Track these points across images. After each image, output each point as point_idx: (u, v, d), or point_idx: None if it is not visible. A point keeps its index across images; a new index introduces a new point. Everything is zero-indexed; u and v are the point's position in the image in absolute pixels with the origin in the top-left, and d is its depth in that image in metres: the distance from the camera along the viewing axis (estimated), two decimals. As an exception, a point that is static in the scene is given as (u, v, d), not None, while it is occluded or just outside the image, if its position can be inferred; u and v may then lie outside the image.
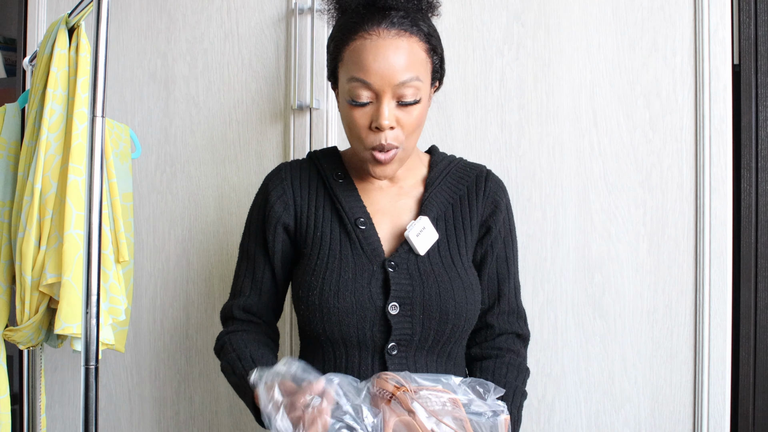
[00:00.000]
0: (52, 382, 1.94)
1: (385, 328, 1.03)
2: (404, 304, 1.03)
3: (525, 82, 1.48)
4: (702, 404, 1.34)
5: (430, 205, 1.11)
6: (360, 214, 1.09)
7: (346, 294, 1.03)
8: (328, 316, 1.03)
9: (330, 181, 1.12)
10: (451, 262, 1.08)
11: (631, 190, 1.41)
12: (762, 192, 1.34)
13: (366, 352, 1.04)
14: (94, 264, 1.12)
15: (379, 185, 1.14)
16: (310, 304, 1.04)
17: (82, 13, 1.32)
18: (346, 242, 1.07)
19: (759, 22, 1.34)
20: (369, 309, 1.02)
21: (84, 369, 1.11)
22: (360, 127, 1.02)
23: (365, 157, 1.05)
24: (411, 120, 1.02)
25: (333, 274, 1.04)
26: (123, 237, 1.48)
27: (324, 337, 1.05)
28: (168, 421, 1.81)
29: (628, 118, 1.41)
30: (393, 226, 1.11)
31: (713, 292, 1.34)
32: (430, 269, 1.06)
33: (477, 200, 1.14)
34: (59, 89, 1.35)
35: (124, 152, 1.63)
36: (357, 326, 1.03)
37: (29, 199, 1.34)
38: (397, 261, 1.06)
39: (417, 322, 1.04)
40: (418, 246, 1.06)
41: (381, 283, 1.04)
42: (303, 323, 1.08)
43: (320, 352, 1.08)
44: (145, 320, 1.83)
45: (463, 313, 1.06)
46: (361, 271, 1.05)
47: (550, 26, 1.47)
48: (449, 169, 1.16)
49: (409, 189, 1.14)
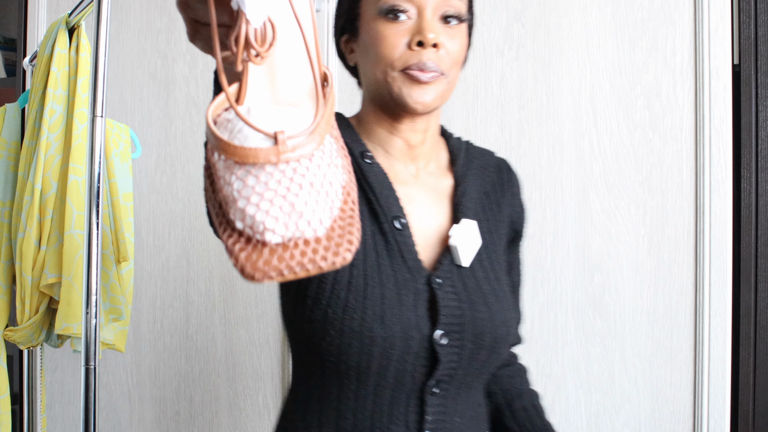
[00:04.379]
0: (52, 382, 1.94)
1: (430, 362, 0.82)
2: (453, 332, 0.82)
3: (525, 82, 1.48)
4: (702, 404, 1.34)
5: (467, 203, 0.91)
6: (397, 210, 0.86)
7: (392, 320, 0.80)
8: (369, 347, 0.79)
9: (358, 161, 0.88)
10: (495, 275, 0.90)
11: (631, 190, 1.41)
12: (762, 192, 1.34)
13: (400, 391, 0.83)
14: (94, 264, 1.12)
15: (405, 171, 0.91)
16: (347, 331, 0.79)
17: (82, 13, 1.32)
18: (382, 247, 0.84)
19: (759, 22, 1.34)
20: (415, 338, 0.80)
21: (84, 369, 1.11)
22: (393, 47, 0.83)
23: (394, 82, 0.84)
24: (455, 46, 0.85)
25: (375, 292, 0.80)
26: (123, 237, 1.48)
27: (354, 371, 0.81)
28: (168, 421, 1.81)
29: (628, 118, 1.41)
30: (425, 227, 0.89)
31: (713, 292, 1.34)
32: (476, 286, 0.86)
33: (503, 197, 0.97)
34: (59, 89, 1.35)
35: (124, 152, 1.63)
36: (399, 360, 0.80)
37: (29, 199, 1.34)
38: (443, 276, 0.84)
39: (465, 353, 0.83)
40: (465, 257, 0.86)
41: (427, 305, 0.83)
42: (324, 351, 0.82)
43: (336, 388, 0.84)
44: (145, 320, 1.83)
45: (511, 339, 0.89)
46: (406, 289, 0.82)
47: (550, 26, 1.47)
48: (469, 156, 0.98)
49: (437, 179, 0.94)
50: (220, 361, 1.75)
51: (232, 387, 1.74)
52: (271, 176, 0.45)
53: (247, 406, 1.72)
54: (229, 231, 0.47)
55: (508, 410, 1.00)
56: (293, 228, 0.46)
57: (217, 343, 1.75)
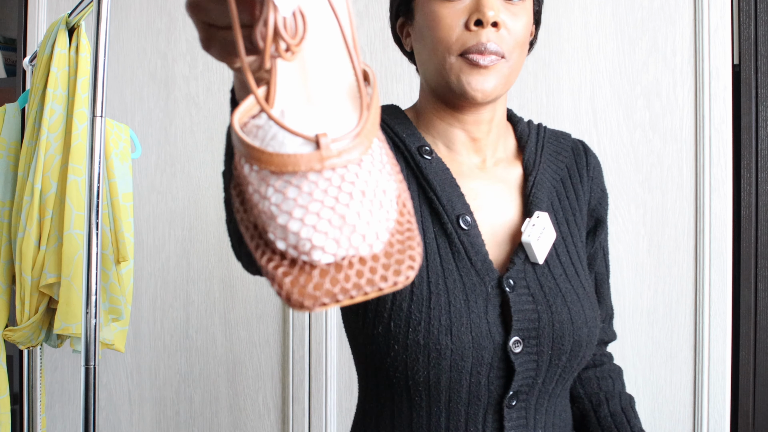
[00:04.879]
0: (52, 382, 1.94)
1: (506, 373, 0.76)
2: (529, 338, 0.76)
3: (525, 82, 1.48)
4: (702, 404, 1.34)
5: (539, 194, 0.83)
6: (462, 209, 0.79)
7: (461, 329, 0.74)
8: (437, 361, 0.74)
9: (416, 157, 0.81)
10: (574, 271, 0.83)
11: (631, 190, 1.41)
12: (762, 192, 1.34)
13: (476, 407, 0.77)
14: (94, 264, 1.12)
15: (470, 164, 0.85)
16: (412, 344, 0.74)
17: (82, 13, 1.32)
18: (446, 250, 0.78)
19: (759, 22, 1.34)
20: (487, 348, 0.75)
21: (84, 369, 1.11)
22: (450, 28, 0.76)
23: (452, 69, 0.77)
24: (517, 25, 0.78)
25: (441, 301, 0.75)
26: (123, 237, 1.48)
27: (423, 386, 0.76)
28: (168, 421, 1.81)
29: (628, 118, 1.41)
30: (495, 225, 0.82)
31: (713, 292, 1.33)
32: (554, 285, 0.79)
33: (582, 182, 0.89)
34: (59, 89, 1.35)
35: (124, 152, 1.62)
36: (471, 373, 0.75)
37: (29, 199, 1.34)
38: (515, 277, 0.78)
39: (544, 360, 0.77)
40: (539, 253, 0.79)
41: (499, 311, 0.76)
42: (390, 368, 0.77)
43: (406, 406, 0.78)
44: (145, 320, 1.83)
45: (594, 339, 0.81)
46: (474, 294, 0.76)
47: (550, 26, 1.47)
48: (541, 141, 0.89)
49: (505, 170, 0.86)
50: (220, 361, 1.75)
51: (232, 387, 1.74)
52: (315, 186, 0.39)
53: (247, 406, 1.72)
54: (269, 254, 0.41)
55: (594, 416, 0.92)
56: (346, 244, 0.40)
57: (217, 343, 1.75)
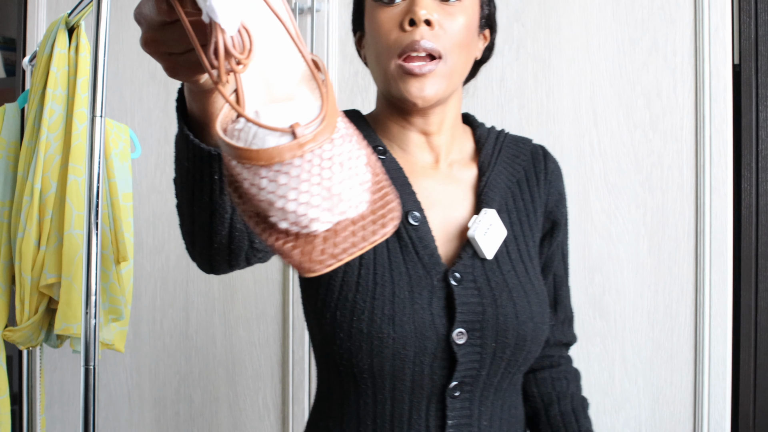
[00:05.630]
0: (52, 382, 1.94)
1: (448, 363, 0.79)
2: (473, 330, 0.79)
3: (525, 82, 1.48)
4: (702, 405, 1.34)
5: (491, 192, 0.86)
6: (411, 205, 0.82)
7: (403, 319, 0.77)
8: (380, 349, 0.77)
9: None
10: (524, 268, 0.85)
11: (631, 190, 1.41)
12: (762, 192, 1.34)
13: (420, 395, 0.79)
14: (94, 264, 1.12)
15: (423, 164, 0.88)
16: (356, 333, 0.78)
17: (82, 13, 1.32)
18: (395, 244, 0.81)
19: (759, 22, 1.34)
20: (430, 338, 0.77)
21: (84, 369, 1.10)
22: (388, 31, 0.80)
23: (393, 79, 0.81)
24: (454, 25, 0.80)
25: (385, 291, 0.78)
26: (122, 237, 1.48)
27: (368, 374, 0.79)
28: (168, 421, 1.81)
29: (628, 118, 1.41)
30: (446, 221, 0.85)
31: (713, 293, 1.33)
32: (501, 280, 0.82)
33: (538, 185, 0.92)
34: (59, 89, 1.35)
35: (124, 152, 1.62)
36: (414, 361, 0.78)
37: (29, 199, 1.34)
38: (462, 271, 0.81)
39: (488, 352, 0.80)
40: (486, 249, 0.82)
41: (443, 303, 0.79)
42: (335, 355, 0.80)
43: (353, 393, 0.82)
44: (145, 320, 1.83)
45: (540, 335, 0.84)
46: (419, 286, 0.79)
47: (550, 26, 1.47)
48: (499, 144, 0.92)
49: (460, 170, 0.89)
50: (220, 361, 1.75)
51: (232, 387, 1.73)
52: (301, 169, 0.45)
53: (247, 406, 1.72)
54: (275, 234, 0.47)
55: (544, 414, 0.94)
56: (337, 211, 0.46)
57: (217, 343, 1.75)
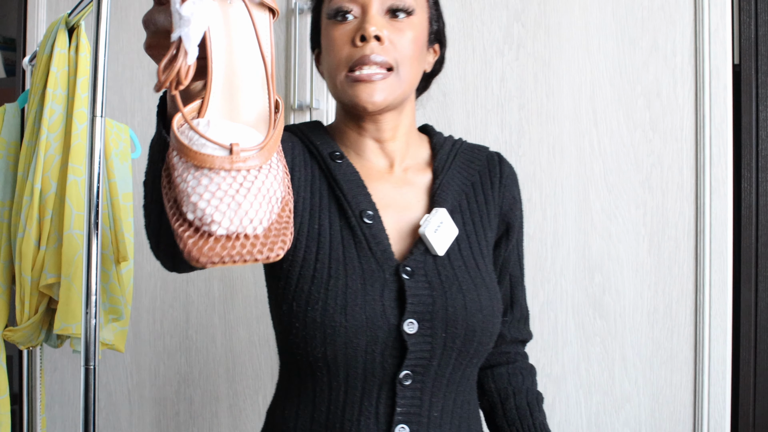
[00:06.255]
0: (52, 382, 1.94)
1: (399, 352, 0.83)
2: (423, 321, 0.83)
3: (525, 82, 1.48)
4: (702, 405, 1.34)
5: (443, 194, 0.92)
6: (366, 205, 0.89)
7: (355, 309, 0.82)
8: (332, 338, 0.82)
9: (327, 161, 0.91)
10: (475, 264, 0.90)
11: (631, 190, 1.41)
12: (762, 192, 1.34)
13: (372, 383, 0.84)
14: (93, 264, 1.11)
15: (378, 169, 0.94)
16: (310, 322, 0.83)
17: (82, 13, 1.32)
18: (349, 241, 0.87)
19: (759, 22, 1.34)
20: (381, 328, 0.82)
21: (84, 369, 1.10)
22: (341, 47, 0.86)
23: (344, 88, 0.86)
24: (403, 39, 0.86)
25: (339, 283, 0.84)
26: (123, 237, 1.48)
27: (322, 362, 0.84)
28: (168, 421, 1.81)
29: (628, 118, 1.41)
30: (400, 221, 0.91)
31: (713, 292, 1.33)
32: (452, 274, 0.87)
33: (493, 189, 0.97)
34: (59, 89, 1.35)
35: (124, 152, 1.62)
36: (366, 350, 0.82)
37: (29, 199, 1.34)
38: (413, 266, 0.86)
39: (438, 342, 0.84)
40: (437, 245, 0.87)
41: (395, 295, 0.84)
42: (292, 344, 0.86)
43: (310, 381, 0.87)
44: (145, 320, 1.83)
45: (490, 328, 0.88)
46: (372, 279, 0.85)
47: (550, 26, 1.47)
48: (455, 150, 0.99)
49: (415, 175, 0.95)
50: (220, 361, 1.75)
51: (232, 387, 1.73)
52: (223, 180, 0.54)
53: (247, 406, 1.72)
54: (181, 221, 0.55)
55: (500, 408, 1.00)
56: (237, 223, 0.54)
57: (217, 343, 1.75)
